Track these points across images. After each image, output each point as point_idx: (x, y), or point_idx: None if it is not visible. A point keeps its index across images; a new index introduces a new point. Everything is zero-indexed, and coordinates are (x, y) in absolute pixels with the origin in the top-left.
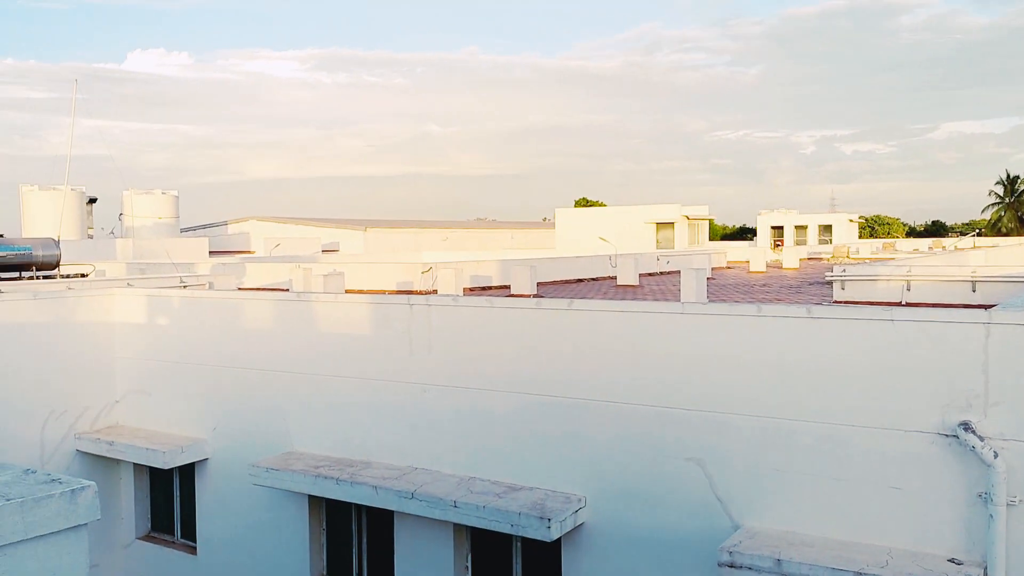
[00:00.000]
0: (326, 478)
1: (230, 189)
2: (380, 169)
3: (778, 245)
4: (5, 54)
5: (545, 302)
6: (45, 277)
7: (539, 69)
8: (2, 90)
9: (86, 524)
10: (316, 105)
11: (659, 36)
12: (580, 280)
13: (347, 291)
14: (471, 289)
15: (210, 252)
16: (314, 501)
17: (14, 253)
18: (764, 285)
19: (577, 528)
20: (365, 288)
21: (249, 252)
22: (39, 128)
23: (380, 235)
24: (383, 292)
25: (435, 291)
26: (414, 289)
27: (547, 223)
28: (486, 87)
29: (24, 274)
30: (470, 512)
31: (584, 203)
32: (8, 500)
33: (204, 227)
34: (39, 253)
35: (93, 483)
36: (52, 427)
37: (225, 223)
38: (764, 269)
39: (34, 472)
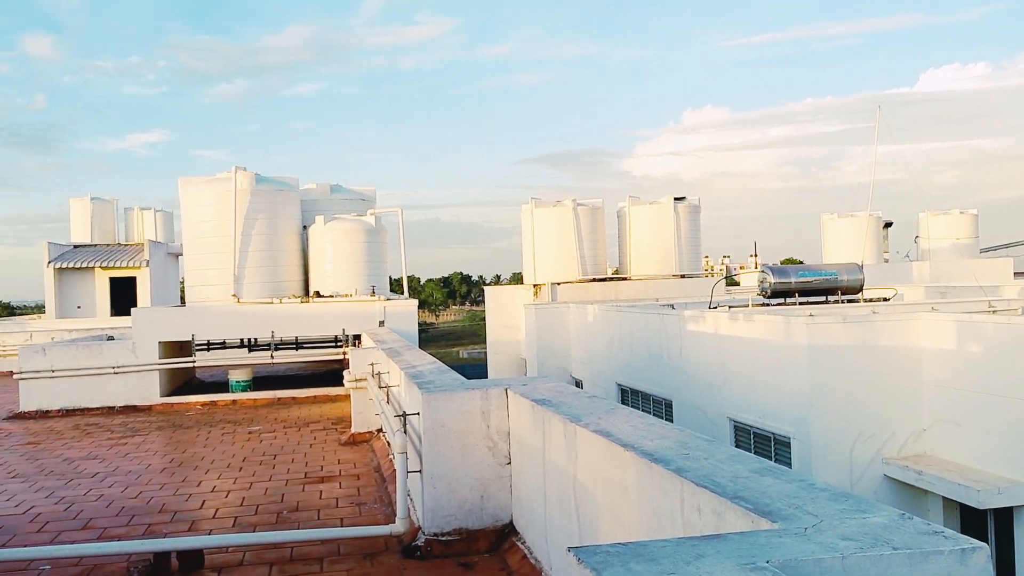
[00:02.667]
0: None
1: None
2: None
3: None
4: (805, 94)
5: None
6: (849, 301)
7: None
8: (802, 128)
9: None
10: None
11: None
12: None
13: None
14: None
15: (1015, 273)
16: None
17: (820, 278)
18: None
19: None
20: None
21: None
22: (834, 160)
23: None
24: None
25: None
26: None
27: None
28: None
29: (829, 298)
30: None
31: None
32: (895, 549)
33: (1006, 246)
34: (844, 278)
35: (985, 546)
36: (860, 449)
37: None
38: None
39: (911, 518)
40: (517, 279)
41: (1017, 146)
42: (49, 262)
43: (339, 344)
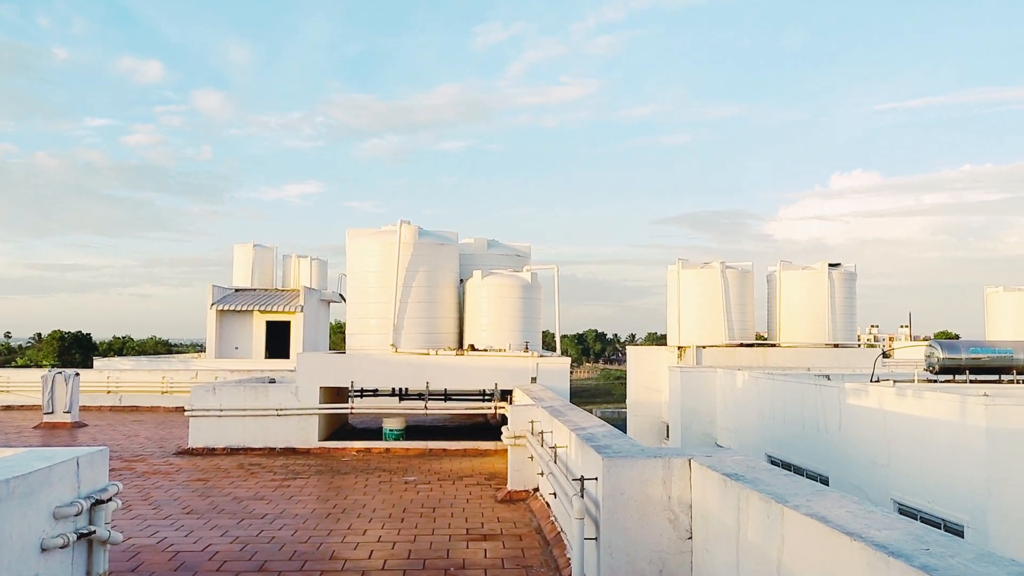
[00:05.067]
0: None
1: None
2: None
3: None
4: (962, 161)
5: None
6: None
7: None
8: (959, 195)
9: None
10: None
11: None
12: None
13: None
14: None
15: None
16: None
17: (994, 355)
18: None
19: None
20: None
21: None
22: (994, 229)
23: None
24: None
25: None
26: None
27: None
28: None
29: (1003, 377)
30: None
31: None
32: None
33: None
34: (1020, 356)
35: None
36: None
37: None
38: None
39: None
40: (652, 338)
41: None
42: (212, 303)
43: (487, 397)
